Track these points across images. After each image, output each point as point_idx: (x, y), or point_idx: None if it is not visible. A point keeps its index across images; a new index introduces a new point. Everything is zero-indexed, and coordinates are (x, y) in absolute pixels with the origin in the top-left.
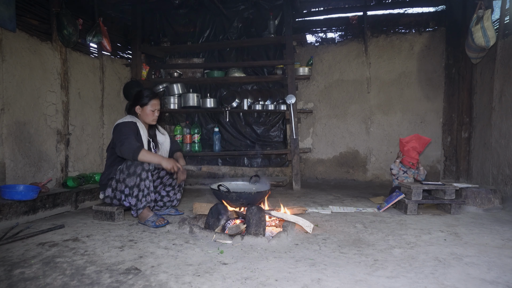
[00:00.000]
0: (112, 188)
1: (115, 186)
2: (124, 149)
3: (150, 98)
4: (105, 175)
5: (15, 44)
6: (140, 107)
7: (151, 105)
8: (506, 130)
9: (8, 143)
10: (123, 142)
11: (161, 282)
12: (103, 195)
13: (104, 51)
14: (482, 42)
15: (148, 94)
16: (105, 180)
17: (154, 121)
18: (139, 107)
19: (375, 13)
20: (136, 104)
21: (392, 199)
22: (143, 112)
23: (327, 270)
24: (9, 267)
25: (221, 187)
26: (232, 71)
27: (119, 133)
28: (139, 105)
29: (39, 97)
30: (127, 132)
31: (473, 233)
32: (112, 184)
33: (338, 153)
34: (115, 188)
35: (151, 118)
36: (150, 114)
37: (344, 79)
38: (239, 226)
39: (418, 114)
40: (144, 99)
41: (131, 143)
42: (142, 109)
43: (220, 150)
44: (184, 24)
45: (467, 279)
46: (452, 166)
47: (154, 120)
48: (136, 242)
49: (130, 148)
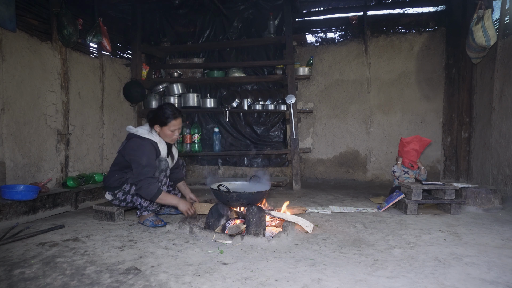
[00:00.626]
0: (124, 191)
1: (128, 189)
2: (142, 191)
3: (170, 119)
4: (117, 178)
5: (15, 44)
6: (159, 126)
7: (171, 126)
8: (506, 130)
9: (8, 143)
10: (140, 178)
11: (161, 282)
12: (111, 197)
13: (104, 51)
14: (483, 41)
15: (169, 114)
16: (116, 183)
17: (173, 141)
18: (158, 126)
19: (375, 13)
20: (156, 122)
21: (392, 199)
22: (162, 132)
23: (327, 270)
24: (9, 267)
25: (221, 187)
26: (232, 71)
27: (137, 154)
28: (159, 124)
29: (39, 97)
30: (146, 159)
31: (473, 233)
32: (125, 187)
33: (338, 153)
34: (127, 192)
35: (170, 138)
36: (169, 135)
37: (344, 79)
38: (239, 226)
39: (418, 114)
40: (164, 119)
41: (150, 183)
42: (161, 129)
43: (220, 150)
44: (184, 24)
45: (467, 279)
46: (452, 166)
47: (173, 140)
48: (136, 242)
49: (149, 192)
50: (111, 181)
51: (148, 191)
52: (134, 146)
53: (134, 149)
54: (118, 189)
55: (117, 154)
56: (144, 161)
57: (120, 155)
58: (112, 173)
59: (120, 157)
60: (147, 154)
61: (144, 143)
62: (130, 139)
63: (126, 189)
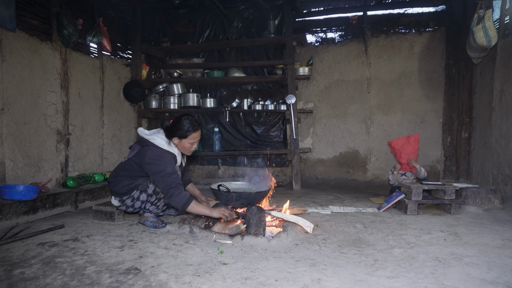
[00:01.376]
0: (133, 198)
1: (137, 196)
2: (173, 199)
3: (190, 132)
4: (126, 184)
5: (15, 44)
6: (178, 139)
7: (191, 139)
8: (506, 130)
9: (8, 143)
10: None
11: (161, 282)
12: (119, 203)
13: (104, 51)
14: (484, 42)
15: (189, 127)
16: (125, 189)
17: (191, 153)
18: (177, 138)
19: (375, 13)
20: (174, 135)
21: (392, 199)
22: (180, 145)
23: (327, 270)
24: (9, 267)
25: (221, 187)
26: (232, 71)
27: (161, 164)
28: (178, 136)
29: (39, 97)
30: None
31: (473, 233)
32: (134, 194)
33: (338, 153)
34: (136, 198)
35: (188, 150)
36: (188, 148)
37: (344, 79)
38: (239, 226)
39: (418, 114)
40: (184, 133)
41: (181, 190)
42: (180, 141)
43: (220, 150)
44: (184, 24)
45: (467, 279)
46: (452, 166)
47: (190, 152)
48: (136, 242)
49: (180, 200)
50: (119, 187)
51: (180, 198)
52: (155, 156)
53: (156, 159)
54: (126, 195)
55: (127, 160)
56: (170, 169)
57: (132, 162)
58: (120, 178)
59: (133, 164)
60: (171, 163)
61: (166, 154)
62: (146, 147)
63: (135, 195)
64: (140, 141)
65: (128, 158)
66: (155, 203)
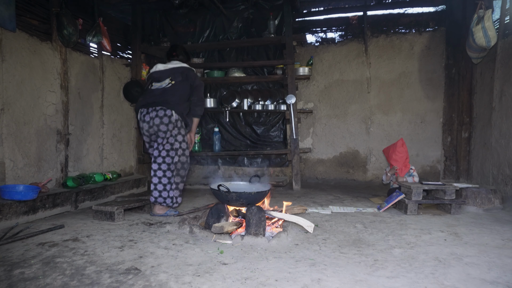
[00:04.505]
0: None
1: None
2: (202, 109)
3: None
4: (186, 107)
5: (15, 44)
6: None
7: None
8: (506, 130)
9: (8, 143)
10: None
11: (161, 282)
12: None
13: (104, 51)
14: (483, 42)
15: None
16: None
17: None
18: None
19: (375, 13)
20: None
21: (392, 199)
22: None
23: (327, 270)
24: (9, 267)
25: (221, 187)
26: (232, 71)
27: (202, 91)
28: None
29: (39, 97)
30: None
31: (473, 233)
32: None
33: (338, 153)
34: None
35: None
36: None
37: (344, 79)
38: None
39: (418, 114)
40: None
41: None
42: None
43: (220, 150)
44: (184, 24)
45: (467, 279)
46: (452, 166)
47: None
48: (136, 242)
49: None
50: (182, 108)
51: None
52: (200, 82)
53: (201, 85)
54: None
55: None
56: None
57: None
58: (181, 100)
59: (186, 87)
60: None
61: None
62: (187, 70)
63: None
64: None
65: (176, 82)
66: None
